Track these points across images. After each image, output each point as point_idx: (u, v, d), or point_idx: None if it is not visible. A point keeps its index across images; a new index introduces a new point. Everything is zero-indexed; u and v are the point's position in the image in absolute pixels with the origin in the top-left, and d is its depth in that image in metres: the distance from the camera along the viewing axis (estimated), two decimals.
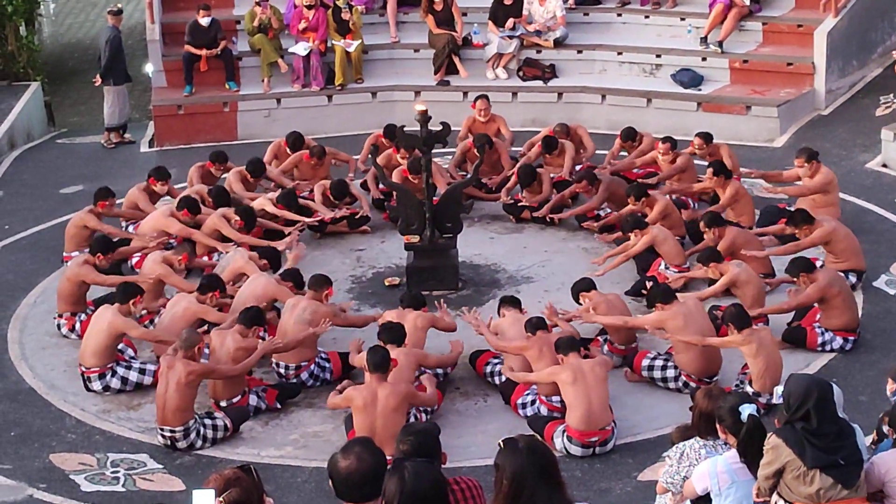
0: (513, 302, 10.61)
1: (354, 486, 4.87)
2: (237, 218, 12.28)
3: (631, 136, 13.86)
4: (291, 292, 10.80)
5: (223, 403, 9.95)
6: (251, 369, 10.42)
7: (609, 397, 9.40)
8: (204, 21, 17.18)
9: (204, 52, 17.19)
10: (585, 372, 9.23)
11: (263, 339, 10.26)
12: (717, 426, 6.61)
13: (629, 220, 11.91)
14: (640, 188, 12.47)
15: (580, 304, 10.64)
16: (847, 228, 11.55)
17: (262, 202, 12.84)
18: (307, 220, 12.90)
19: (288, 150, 14.26)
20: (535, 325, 9.89)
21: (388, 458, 5.07)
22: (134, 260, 12.34)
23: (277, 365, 10.46)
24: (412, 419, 9.34)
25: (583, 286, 10.72)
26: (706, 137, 13.51)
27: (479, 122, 14.60)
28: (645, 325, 10.15)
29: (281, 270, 11.46)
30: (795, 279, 10.65)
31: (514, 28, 17.55)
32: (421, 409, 9.63)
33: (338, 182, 13.41)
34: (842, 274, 10.97)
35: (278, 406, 10.16)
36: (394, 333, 9.80)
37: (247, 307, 10.25)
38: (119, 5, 18.12)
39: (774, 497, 6.21)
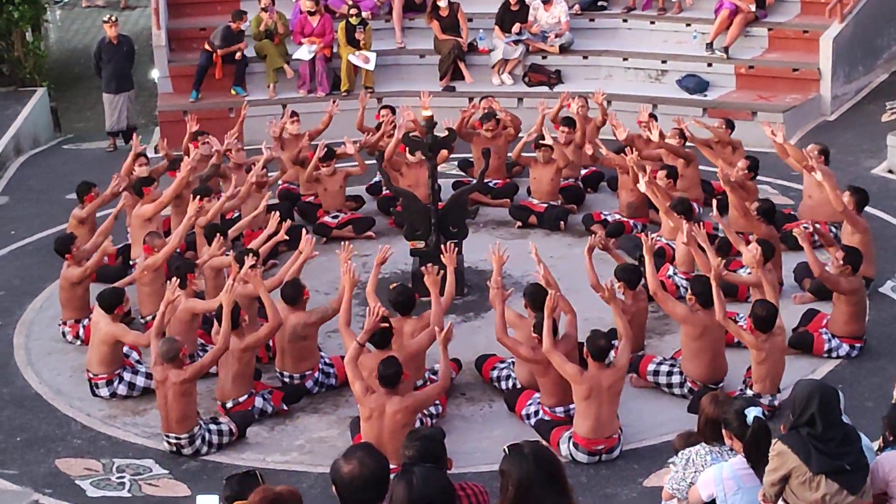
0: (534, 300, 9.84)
1: (357, 491, 4.87)
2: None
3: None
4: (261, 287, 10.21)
5: (229, 404, 9.94)
6: (260, 375, 10.43)
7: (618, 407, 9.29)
8: (244, 27, 17.28)
9: (221, 54, 17.14)
10: (602, 388, 8.98)
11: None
12: (724, 431, 6.59)
13: (681, 203, 11.84)
14: (674, 170, 12.79)
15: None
16: (868, 235, 11.43)
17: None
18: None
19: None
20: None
21: (392, 467, 5.07)
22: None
23: (281, 374, 10.45)
24: (418, 423, 9.30)
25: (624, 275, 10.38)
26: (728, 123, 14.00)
27: (485, 138, 14.28)
28: (674, 311, 9.92)
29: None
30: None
31: (519, 33, 17.57)
32: (427, 414, 9.60)
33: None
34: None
35: (284, 407, 10.15)
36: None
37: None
38: (110, 16, 18.11)
39: (780, 503, 6.20)
